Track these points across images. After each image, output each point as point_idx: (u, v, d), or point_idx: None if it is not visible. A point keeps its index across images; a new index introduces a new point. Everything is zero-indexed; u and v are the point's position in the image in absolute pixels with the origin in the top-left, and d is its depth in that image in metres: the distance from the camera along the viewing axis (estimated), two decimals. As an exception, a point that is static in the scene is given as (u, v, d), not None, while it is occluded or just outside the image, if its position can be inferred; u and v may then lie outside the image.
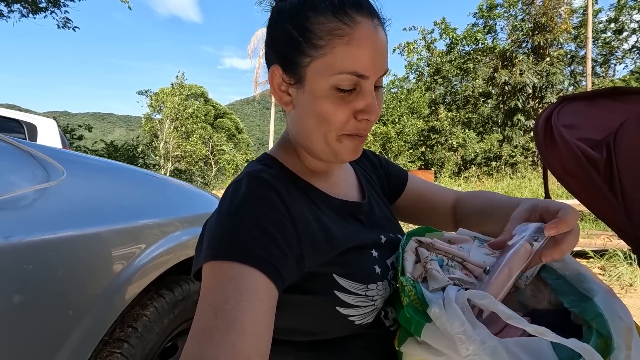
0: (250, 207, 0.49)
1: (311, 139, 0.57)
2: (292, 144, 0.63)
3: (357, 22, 0.50)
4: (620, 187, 0.80)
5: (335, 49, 0.50)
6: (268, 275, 0.44)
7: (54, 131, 4.09)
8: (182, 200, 1.33)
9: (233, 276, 0.43)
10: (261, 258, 0.45)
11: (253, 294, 0.42)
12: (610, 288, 0.57)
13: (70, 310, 0.71)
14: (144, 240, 1.01)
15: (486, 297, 0.46)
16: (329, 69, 0.51)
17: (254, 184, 0.52)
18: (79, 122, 25.62)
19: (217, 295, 0.42)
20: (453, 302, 0.47)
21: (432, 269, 0.59)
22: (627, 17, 18.84)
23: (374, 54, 0.51)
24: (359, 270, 0.57)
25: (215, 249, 0.46)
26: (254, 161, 0.63)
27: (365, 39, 0.51)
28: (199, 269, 0.47)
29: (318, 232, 0.55)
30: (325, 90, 0.52)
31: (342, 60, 0.50)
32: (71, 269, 0.72)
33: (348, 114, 0.53)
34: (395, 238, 0.69)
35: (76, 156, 0.93)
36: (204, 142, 27.21)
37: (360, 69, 0.51)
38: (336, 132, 0.54)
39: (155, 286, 1.04)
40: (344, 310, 0.54)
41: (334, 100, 0.52)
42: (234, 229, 0.47)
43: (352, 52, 0.50)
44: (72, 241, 0.73)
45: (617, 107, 0.99)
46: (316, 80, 0.52)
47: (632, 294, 2.77)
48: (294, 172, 0.61)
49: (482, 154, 16.76)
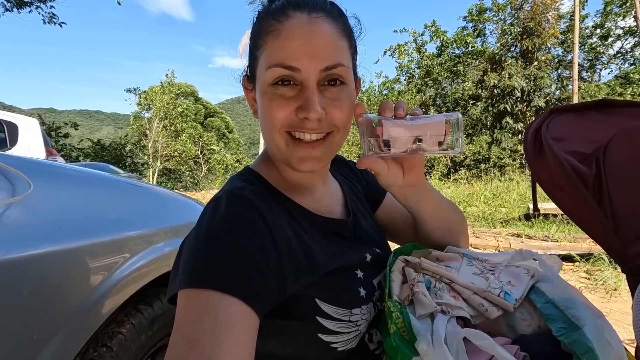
0: (229, 227, 0.46)
1: (266, 143, 0.56)
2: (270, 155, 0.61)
3: (288, 16, 0.50)
4: (609, 202, 0.79)
5: (267, 45, 0.51)
6: (248, 302, 0.42)
7: (36, 130, 3.99)
8: (164, 210, 1.28)
9: (210, 306, 0.40)
10: (240, 284, 0.42)
11: (232, 325, 0.40)
12: (600, 311, 0.56)
13: (35, 334, 0.66)
14: (123, 252, 0.97)
15: (485, 339, 0.44)
16: (263, 66, 0.51)
17: (234, 202, 0.49)
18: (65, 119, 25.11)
19: (192, 326, 0.39)
20: (442, 342, 0.45)
21: (419, 293, 0.58)
22: (613, 23, 19.28)
23: (306, 46, 0.49)
24: (342, 294, 0.55)
25: (191, 275, 0.43)
26: (235, 176, 0.60)
27: (296, 30, 0.50)
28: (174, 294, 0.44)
29: (300, 253, 0.52)
30: (265, 87, 0.51)
31: (272, 53, 0.50)
32: (37, 289, 0.68)
33: (287, 110, 0.51)
34: (381, 254, 0.66)
35: (45, 166, 0.88)
36: (193, 142, 26.99)
37: (288, 60, 0.49)
38: (277, 129, 0.52)
39: (133, 301, 0.99)
40: (326, 337, 0.52)
41: (271, 96, 0.51)
42: (212, 252, 0.44)
43: (280, 45, 0.50)
44: (37, 259, 0.68)
45: (606, 120, 0.99)
46: (259, 80, 0.53)
47: (617, 298, 2.80)
48: (277, 187, 0.59)
49: (471, 156, 16.94)
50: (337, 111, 0.52)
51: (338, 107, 0.52)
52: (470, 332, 0.46)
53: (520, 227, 5.48)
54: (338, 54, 0.52)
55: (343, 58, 0.52)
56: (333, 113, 0.52)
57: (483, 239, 4.72)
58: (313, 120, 0.50)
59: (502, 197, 8.36)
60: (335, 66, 0.51)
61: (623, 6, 18.32)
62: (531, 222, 5.70)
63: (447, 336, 0.47)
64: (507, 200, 8.00)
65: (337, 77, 0.52)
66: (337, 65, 0.51)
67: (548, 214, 5.56)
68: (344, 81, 0.53)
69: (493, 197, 8.57)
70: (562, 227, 5.12)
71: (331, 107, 0.52)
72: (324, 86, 0.52)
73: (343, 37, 0.53)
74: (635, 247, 0.76)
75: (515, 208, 7.08)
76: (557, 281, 0.63)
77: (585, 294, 0.65)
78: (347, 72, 0.53)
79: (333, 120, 0.52)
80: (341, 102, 0.52)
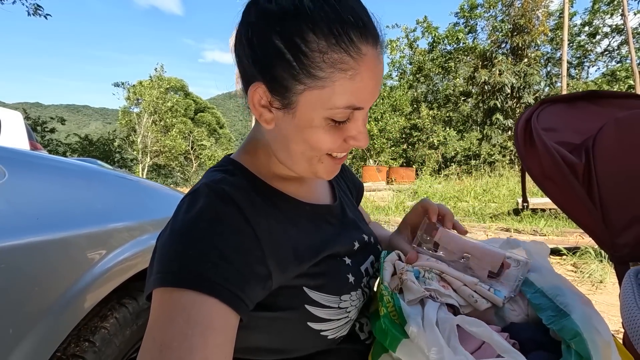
0: (206, 225, 0.44)
1: (294, 160, 0.53)
2: (261, 148, 0.58)
3: (362, 54, 0.44)
4: (598, 192, 0.79)
5: (336, 83, 0.44)
6: (224, 301, 0.40)
7: (19, 124, 3.89)
8: (150, 202, 1.25)
9: (183, 306, 0.38)
10: (216, 284, 0.40)
11: (205, 326, 0.38)
12: (588, 299, 0.56)
13: (10, 328, 0.64)
14: (106, 245, 0.94)
15: (480, 325, 0.43)
16: (326, 103, 0.46)
17: (212, 197, 0.47)
18: (52, 114, 24.61)
19: (164, 329, 0.37)
20: (434, 325, 0.44)
21: (407, 280, 0.57)
22: (601, 21, 19.58)
23: (374, 87, 0.48)
24: (331, 281, 0.53)
25: (165, 274, 0.41)
26: (212, 168, 0.57)
27: (370, 72, 0.46)
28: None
29: (286, 245, 0.50)
30: (319, 120, 0.47)
31: (343, 95, 0.45)
32: (11, 283, 0.65)
33: (339, 141, 0.50)
34: (368, 242, 0.66)
35: (22, 155, 0.84)
36: (184, 137, 26.70)
37: (359, 103, 0.47)
38: (320, 155, 0.52)
39: (117, 295, 0.96)
40: (316, 325, 0.50)
41: (327, 130, 0.48)
42: (187, 250, 0.42)
43: (354, 88, 0.45)
44: (11, 251, 0.65)
45: (595, 111, 0.99)
46: (309, 111, 0.47)
47: (602, 291, 2.85)
48: (260, 177, 0.56)
49: (461, 152, 17.11)
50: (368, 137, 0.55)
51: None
52: (466, 319, 0.45)
53: (509, 222, 5.56)
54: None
55: None
56: None
57: (473, 233, 4.78)
58: (362, 148, 0.53)
59: (492, 193, 8.47)
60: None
61: (611, 4, 18.61)
62: (520, 217, 5.79)
63: (438, 321, 0.47)
64: (497, 196, 8.11)
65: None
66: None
67: (536, 209, 5.65)
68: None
69: (483, 192, 8.68)
70: (549, 221, 5.21)
71: None
72: None
73: None
74: (624, 237, 0.77)
75: (505, 203, 7.18)
76: (546, 270, 0.63)
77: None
78: None
79: None
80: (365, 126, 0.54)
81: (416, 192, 9.09)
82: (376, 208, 7.61)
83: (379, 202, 8.25)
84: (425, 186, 9.77)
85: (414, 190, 9.30)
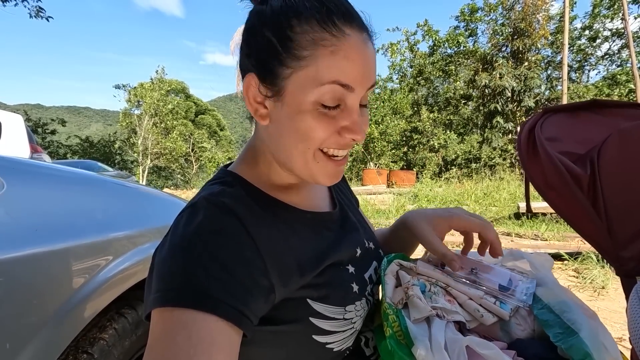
0: (206, 238, 0.43)
1: (291, 157, 0.51)
2: (261, 156, 0.57)
3: (345, 34, 0.46)
4: (603, 204, 0.78)
5: (318, 59, 0.45)
6: (229, 319, 0.39)
7: (20, 127, 3.90)
8: (150, 209, 1.24)
9: (184, 324, 0.37)
10: (219, 301, 0.39)
11: (208, 344, 0.37)
12: (594, 312, 0.55)
13: (8, 342, 0.63)
14: (106, 254, 0.93)
15: (490, 348, 0.42)
16: (311, 82, 0.46)
17: (211, 210, 0.46)
18: (53, 115, 24.60)
19: (165, 348, 0.37)
20: (442, 349, 0.43)
21: (413, 296, 0.56)
22: (601, 25, 19.62)
23: (362, 68, 0.47)
24: (335, 291, 0.52)
25: (165, 292, 0.40)
26: (210, 181, 0.56)
27: (352, 49, 0.46)
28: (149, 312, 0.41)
29: (287, 256, 0.49)
30: (307, 105, 0.46)
31: (326, 70, 0.45)
32: (9, 294, 0.64)
33: (331, 131, 0.48)
34: (371, 247, 0.65)
35: (23, 164, 0.83)
36: (184, 139, 26.72)
37: (345, 79, 0.46)
38: (314, 148, 0.49)
39: (116, 305, 0.96)
40: (321, 338, 0.49)
41: (316, 116, 0.47)
42: (187, 266, 0.41)
43: (337, 62, 0.45)
44: (9, 263, 0.64)
45: (599, 121, 0.98)
46: (297, 94, 0.47)
47: (604, 297, 2.84)
48: (259, 187, 0.55)
49: (462, 155, 17.11)
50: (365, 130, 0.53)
51: (365, 127, 0.52)
52: (475, 340, 0.44)
53: (510, 226, 5.55)
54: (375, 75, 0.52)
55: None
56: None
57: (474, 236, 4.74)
58: (359, 141, 0.50)
59: (493, 196, 8.45)
60: (373, 85, 0.51)
61: (611, 8, 18.65)
62: (521, 221, 5.77)
63: (447, 342, 0.46)
64: (498, 199, 8.09)
65: (367, 100, 0.53)
66: (373, 85, 0.51)
67: (537, 213, 5.63)
68: (367, 102, 0.54)
69: (484, 196, 8.66)
70: (551, 226, 5.19)
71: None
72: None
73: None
74: (629, 249, 0.76)
75: (506, 207, 7.16)
76: (551, 284, 0.62)
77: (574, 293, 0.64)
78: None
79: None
80: (366, 122, 0.53)
81: (416, 195, 9.07)
82: (376, 211, 7.59)
83: (379, 206, 8.23)
84: (425, 189, 9.76)
85: (415, 193, 9.29)
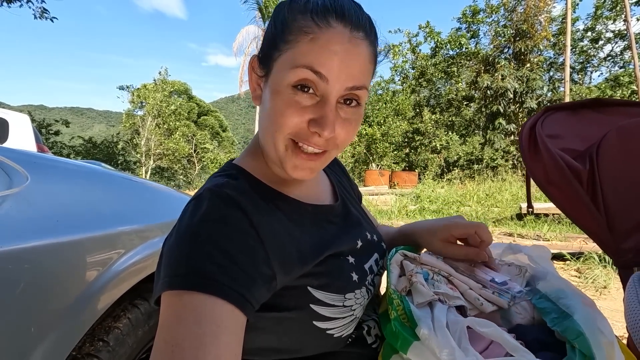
0: (211, 227, 0.45)
1: (263, 139, 0.55)
2: (260, 148, 0.59)
3: (330, 25, 0.48)
4: (602, 199, 0.81)
5: (298, 44, 0.48)
6: (232, 302, 0.41)
7: (27, 127, 3.94)
8: (160, 205, 1.27)
9: (193, 307, 0.39)
10: (224, 285, 0.41)
11: (216, 325, 0.39)
12: (592, 301, 0.57)
13: (33, 327, 0.66)
14: (119, 247, 0.96)
15: (490, 326, 0.45)
16: (288, 64, 0.48)
17: (215, 201, 0.48)
18: (56, 116, 24.69)
19: (175, 330, 0.38)
20: (444, 327, 0.46)
21: (417, 282, 0.58)
22: (603, 26, 19.57)
23: (341, 63, 0.47)
24: (335, 280, 0.54)
25: (173, 277, 0.42)
26: (216, 174, 0.58)
27: (334, 44, 0.47)
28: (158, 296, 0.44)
29: (289, 247, 0.51)
30: (282, 86, 0.49)
31: (303, 54, 0.47)
32: (34, 283, 0.67)
33: (299, 120, 0.49)
34: (372, 240, 0.67)
35: (44, 159, 0.87)
36: (187, 140, 26.77)
37: (318, 67, 0.47)
38: (283, 134, 0.50)
39: (129, 296, 0.99)
40: (321, 324, 0.52)
41: (288, 99, 0.49)
42: (193, 253, 0.43)
43: (314, 49, 0.47)
44: (34, 253, 0.67)
45: (598, 118, 1.01)
46: (277, 75, 0.50)
47: (607, 296, 2.85)
48: (263, 181, 0.57)
49: (464, 157, 17.08)
50: (344, 132, 0.52)
51: (346, 128, 0.52)
52: (475, 320, 0.46)
53: (513, 227, 5.55)
54: (366, 77, 0.51)
55: (367, 81, 0.52)
56: (340, 133, 0.51)
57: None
58: (324, 137, 0.49)
59: (495, 197, 8.45)
60: (360, 88, 0.50)
61: (613, 10, 18.61)
62: (523, 222, 5.78)
63: (449, 324, 0.48)
64: (500, 200, 8.09)
65: (355, 98, 0.52)
66: (362, 87, 0.51)
67: (540, 214, 5.64)
68: (359, 102, 0.53)
69: (486, 197, 8.66)
70: (553, 226, 5.20)
71: (340, 126, 0.51)
72: (339, 103, 0.51)
73: (372, 62, 0.53)
74: (628, 242, 0.78)
75: (508, 208, 7.16)
76: (550, 275, 0.64)
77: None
78: (365, 95, 0.53)
79: (337, 139, 0.52)
80: (351, 123, 0.52)
81: (419, 196, 9.08)
82: (379, 212, 7.61)
83: (381, 206, 8.25)
84: (427, 190, 9.76)
85: (417, 194, 9.29)
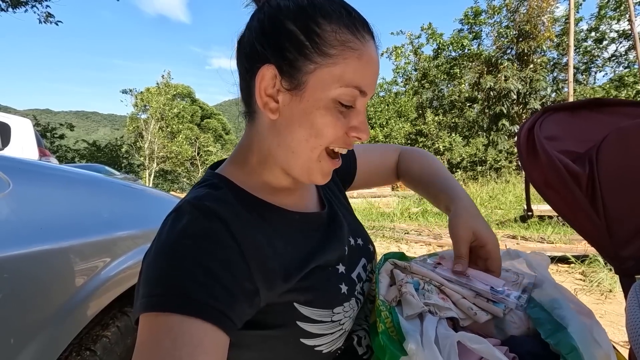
0: (190, 242, 0.43)
1: (294, 153, 0.51)
2: (255, 156, 0.56)
3: (366, 39, 0.50)
4: (602, 203, 0.78)
5: (347, 60, 0.48)
6: (212, 321, 0.39)
7: (29, 131, 3.96)
8: (153, 210, 1.26)
9: (169, 329, 0.38)
10: (203, 304, 0.39)
11: (193, 347, 0.37)
12: (589, 310, 0.55)
13: (12, 338, 0.64)
14: (108, 253, 0.95)
15: (481, 342, 0.43)
16: (336, 80, 0.48)
17: (195, 214, 0.45)
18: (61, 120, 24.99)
19: (151, 352, 0.37)
20: (432, 342, 0.44)
21: (407, 293, 0.56)
22: (607, 26, 19.47)
23: (375, 75, 0.52)
24: (322, 294, 0.52)
25: (149, 297, 0.40)
26: (197, 184, 0.56)
27: (372, 58, 0.50)
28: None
29: (273, 260, 0.49)
30: (327, 102, 0.49)
31: (352, 73, 0.48)
32: (13, 291, 0.65)
33: (344, 130, 0.51)
34: (360, 245, 0.65)
35: (27, 164, 0.85)
36: (190, 143, 26.92)
37: (364, 86, 0.50)
38: (323, 146, 0.51)
39: (118, 304, 0.97)
40: (309, 342, 0.50)
41: (335, 114, 0.50)
42: (171, 270, 0.41)
43: (361, 67, 0.49)
44: (14, 260, 0.66)
45: (598, 119, 0.98)
46: (318, 91, 0.48)
47: (612, 300, 2.80)
48: (247, 189, 0.54)
49: (467, 158, 17.02)
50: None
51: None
52: (466, 336, 0.44)
53: (516, 229, 5.50)
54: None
55: None
56: None
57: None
58: (364, 140, 0.54)
59: (498, 199, 8.40)
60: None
61: (617, 10, 18.51)
62: (527, 224, 5.72)
63: (438, 338, 0.46)
64: (503, 202, 8.04)
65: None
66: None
67: (544, 216, 5.58)
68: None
69: (489, 198, 8.60)
70: (557, 228, 5.14)
71: None
72: None
73: None
74: (628, 249, 0.75)
75: (511, 210, 7.11)
76: (546, 284, 0.62)
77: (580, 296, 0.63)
78: None
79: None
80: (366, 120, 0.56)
81: (421, 198, 9.03)
82: (381, 214, 7.58)
83: (384, 209, 8.22)
84: (430, 192, 9.69)
85: (419, 196, 9.25)
